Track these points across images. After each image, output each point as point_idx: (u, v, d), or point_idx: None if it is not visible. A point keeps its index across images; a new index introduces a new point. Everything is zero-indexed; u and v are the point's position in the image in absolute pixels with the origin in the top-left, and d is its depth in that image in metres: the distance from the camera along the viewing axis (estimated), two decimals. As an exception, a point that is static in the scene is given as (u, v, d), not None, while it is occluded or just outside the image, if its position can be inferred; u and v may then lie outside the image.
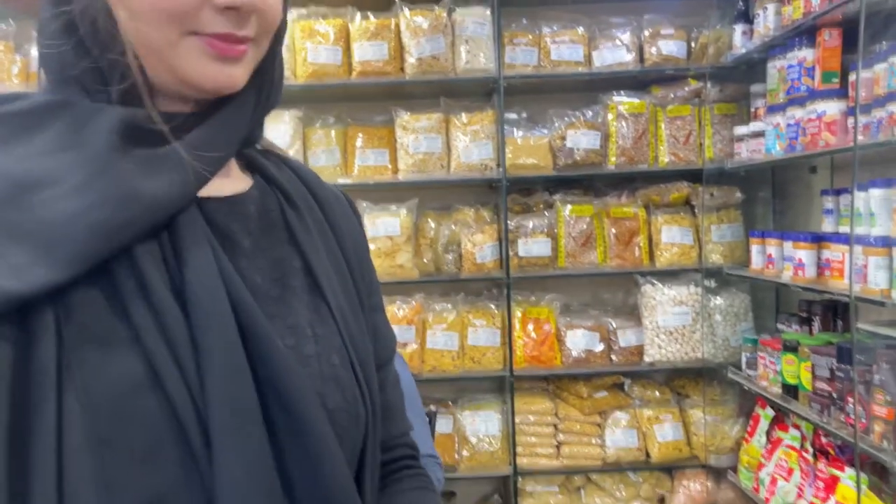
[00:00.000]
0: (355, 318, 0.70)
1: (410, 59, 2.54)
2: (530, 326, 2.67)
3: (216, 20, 0.59)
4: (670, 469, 2.69)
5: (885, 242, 1.70)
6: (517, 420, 2.63)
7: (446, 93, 2.68)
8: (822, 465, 2.07)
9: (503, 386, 2.71)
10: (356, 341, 0.69)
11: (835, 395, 1.90)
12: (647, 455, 2.65)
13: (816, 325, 2.26)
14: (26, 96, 0.61)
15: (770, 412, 2.42)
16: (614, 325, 2.70)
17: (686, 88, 2.66)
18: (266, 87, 0.68)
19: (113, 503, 0.52)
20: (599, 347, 2.67)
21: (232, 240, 0.64)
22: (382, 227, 2.57)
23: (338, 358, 0.66)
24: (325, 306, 0.68)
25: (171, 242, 0.59)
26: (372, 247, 2.59)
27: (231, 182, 0.68)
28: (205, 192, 0.63)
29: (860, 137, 1.74)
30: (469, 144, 2.61)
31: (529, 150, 2.63)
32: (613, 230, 2.69)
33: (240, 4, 0.59)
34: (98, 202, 0.55)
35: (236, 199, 0.67)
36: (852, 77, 1.86)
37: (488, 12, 2.58)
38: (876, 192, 1.78)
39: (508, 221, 2.64)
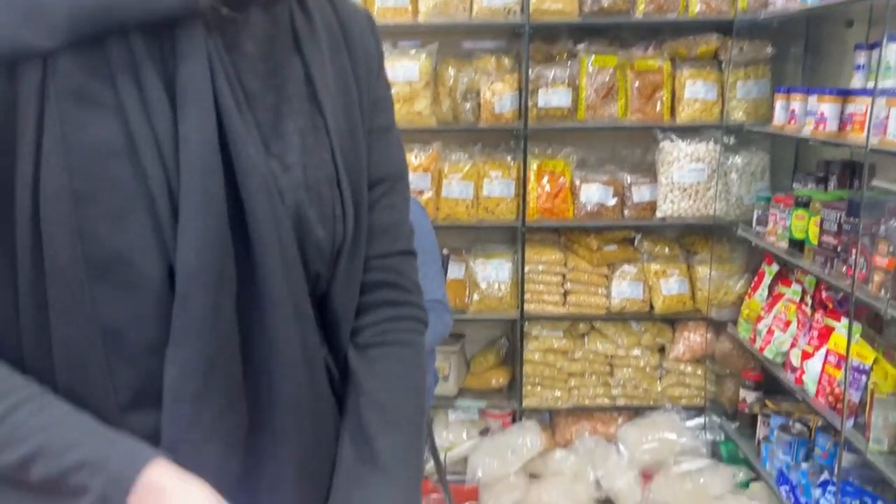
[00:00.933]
0: (352, 135, 0.71)
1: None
2: (545, 179, 2.68)
3: None
4: (672, 320, 2.79)
5: (911, 93, 1.67)
6: (527, 269, 2.71)
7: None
8: (818, 316, 2.14)
9: (515, 237, 2.78)
10: (348, 157, 0.70)
11: (839, 248, 1.94)
12: (651, 307, 2.74)
13: (832, 183, 2.26)
14: None
15: (774, 268, 2.48)
16: (629, 181, 2.71)
17: (724, -68, 2.51)
18: None
19: (84, 251, 0.57)
20: (612, 202, 2.70)
21: (236, 39, 0.64)
22: (401, 71, 2.54)
23: (323, 171, 0.68)
24: (321, 118, 0.69)
25: (171, 38, 0.59)
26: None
27: None
28: None
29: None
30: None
31: (555, -6, 2.53)
32: (636, 83, 2.64)
33: None
34: None
35: (243, 4, 0.65)
36: (902, -85, 1.74)
37: None
38: (908, 42, 1.72)
39: (529, 70, 2.59)
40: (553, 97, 2.61)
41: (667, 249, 2.80)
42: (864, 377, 1.83)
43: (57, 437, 0.56)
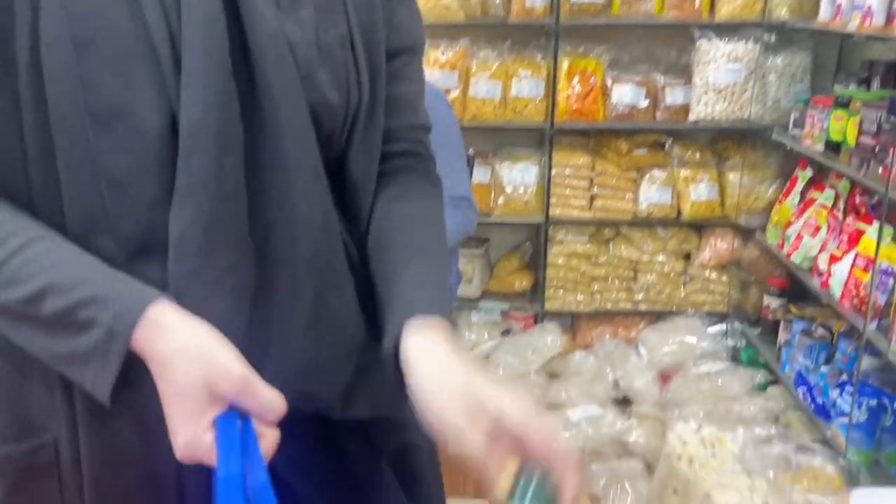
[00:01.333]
0: (369, 4, 0.69)
1: None
2: (576, 79, 2.61)
3: None
4: (700, 227, 2.77)
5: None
6: (553, 173, 2.68)
7: None
8: (849, 220, 2.10)
9: (543, 140, 2.73)
10: (363, 21, 0.68)
11: (877, 148, 1.87)
12: (679, 213, 2.71)
13: (876, 84, 2.17)
14: None
15: (809, 173, 2.42)
16: (662, 82, 2.63)
17: None
18: None
19: (86, 100, 0.57)
20: (644, 104, 2.63)
21: None
22: (429, -39, 2.45)
23: (336, 31, 0.67)
24: None
25: None
26: (417, -18, 2.49)
27: None
28: None
29: None
30: None
31: None
32: (674, -23, 2.52)
33: None
34: None
35: None
36: None
37: None
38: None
39: (563, -38, 2.48)
40: (586, -9, 2.51)
41: (698, 154, 2.74)
42: (891, 280, 1.81)
43: (66, 275, 0.57)
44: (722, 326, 2.78)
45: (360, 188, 0.72)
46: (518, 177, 2.72)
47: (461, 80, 2.61)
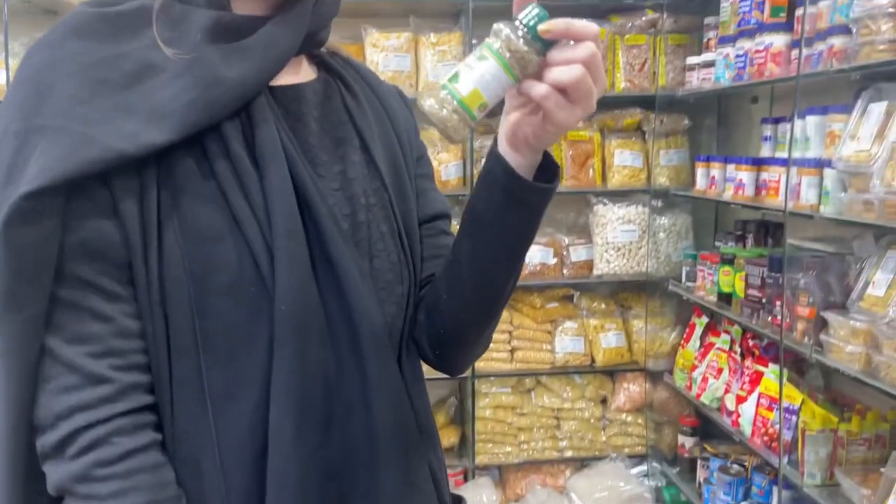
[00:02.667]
0: (401, 187, 0.82)
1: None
2: (489, 241, 2.83)
3: None
4: (612, 372, 2.96)
5: (818, 163, 1.91)
6: (475, 328, 2.82)
7: (415, 12, 2.74)
8: (748, 363, 2.34)
9: (463, 297, 2.89)
10: (403, 209, 0.82)
11: (764, 300, 2.15)
12: (592, 360, 2.90)
13: (750, 241, 2.50)
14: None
15: (705, 320, 2.69)
16: (567, 242, 2.89)
17: (643, 18, 2.79)
18: None
19: (202, 327, 0.66)
20: (553, 261, 2.87)
21: (302, 121, 0.77)
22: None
23: (386, 225, 0.79)
24: (379, 179, 0.80)
25: (248, 119, 0.71)
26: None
27: (298, 76, 0.79)
28: (276, 81, 0.75)
29: (802, 68, 1.93)
30: (437, 64, 2.69)
31: (494, 72, 2.73)
32: (570, 152, 2.85)
33: None
34: (190, 85, 0.67)
35: (301, 87, 0.79)
36: (799, 12, 2.03)
37: (459, -67, 2.63)
38: (812, 119, 1.98)
39: (473, 142, 2.77)
40: (495, 166, 2.78)
41: (604, 305, 2.98)
42: (794, 417, 2.02)
43: None
44: (643, 467, 2.92)
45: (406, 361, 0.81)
46: (442, 334, 2.84)
47: (384, 247, 2.76)
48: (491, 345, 2.88)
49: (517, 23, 0.62)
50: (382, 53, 2.66)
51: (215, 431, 0.67)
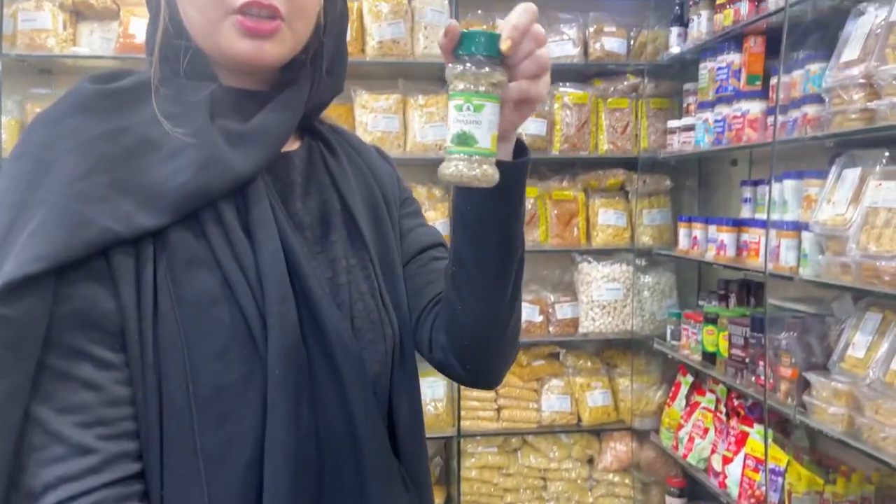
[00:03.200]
0: (384, 239, 0.85)
1: (371, 42, 2.66)
2: (476, 299, 2.85)
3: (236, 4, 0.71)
4: (599, 432, 2.94)
5: (796, 226, 1.96)
6: (461, 387, 2.81)
7: (404, 75, 2.81)
8: (733, 423, 2.34)
9: (449, 354, 2.88)
10: (385, 263, 0.84)
11: (747, 360, 2.17)
12: (579, 419, 2.89)
13: (732, 300, 2.54)
14: (131, 73, 0.75)
15: (690, 379, 2.70)
16: (552, 299, 2.91)
17: (625, 83, 2.88)
18: (317, 76, 0.81)
19: (195, 391, 0.67)
20: (539, 319, 2.88)
21: (290, 187, 0.80)
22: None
23: (366, 285, 0.82)
24: (360, 238, 0.83)
25: (243, 197, 0.74)
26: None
27: (287, 144, 0.82)
28: None
29: (778, 135, 1.99)
30: (425, 125, 2.75)
31: (481, 133, 2.79)
32: (555, 211, 2.90)
33: None
34: (186, 167, 0.70)
35: (290, 155, 0.83)
36: (773, 80, 2.11)
37: (446, 1, 2.72)
38: (789, 183, 2.03)
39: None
40: (481, 224, 2.81)
41: (590, 363, 2.98)
42: (780, 479, 2.02)
43: None
44: (630, 529, 2.87)
45: (405, 428, 0.82)
46: (428, 392, 2.82)
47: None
48: (477, 403, 2.84)
49: (479, 58, 0.64)
50: (372, 114, 2.72)
51: (207, 493, 0.67)
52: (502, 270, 0.75)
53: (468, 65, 0.64)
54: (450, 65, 0.65)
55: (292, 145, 0.84)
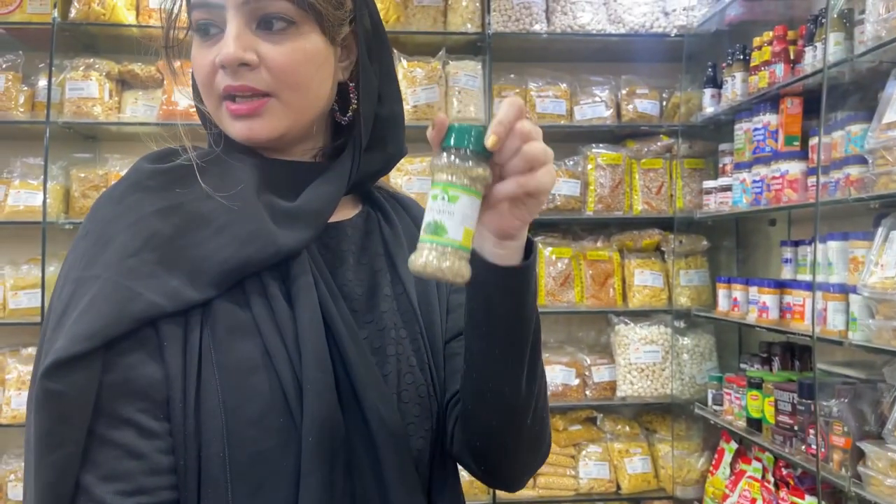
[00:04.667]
0: (431, 315, 0.83)
1: (406, 107, 2.71)
2: (510, 361, 2.80)
3: (222, 79, 0.75)
4: (639, 500, 2.83)
5: (842, 289, 1.91)
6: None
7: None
8: (783, 493, 2.24)
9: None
10: (433, 335, 0.82)
11: (796, 427, 2.09)
12: (618, 486, 2.79)
13: (776, 364, 2.46)
14: (183, 151, 0.78)
15: (734, 445, 2.60)
16: (588, 362, 2.86)
17: (658, 143, 2.89)
18: (357, 148, 0.81)
19: (231, 457, 0.67)
20: (575, 382, 2.82)
21: (341, 258, 0.81)
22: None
23: (416, 358, 0.80)
24: (412, 311, 0.82)
25: (287, 267, 0.74)
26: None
27: (341, 212, 0.83)
28: None
29: (819, 195, 1.96)
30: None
31: (514, 194, 2.80)
32: (590, 272, 2.87)
33: (220, 62, 0.73)
34: (227, 242, 0.71)
35: (342, 225, 0.83)
36: (812, 141, 2.09)
37: (480, 66, 2.77)
38: (833, 244, 1.99)
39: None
40: (516, 285, 2.80)
41: (628, 428, 2.90)
42: (835, 554, 1.91)
43: None
44: None
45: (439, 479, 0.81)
46: (461, 458, 2.76)
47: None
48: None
49: (463, 151, 0.63)
50: (406, 177, 2.74)
51: None
52: (511, 372, 0.72)
53: (451, 157, 0.63)
54: (434, 156, 0.65)
55: (348, 213, 0.84)
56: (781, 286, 2.26)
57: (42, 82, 2.66)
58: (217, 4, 0.73)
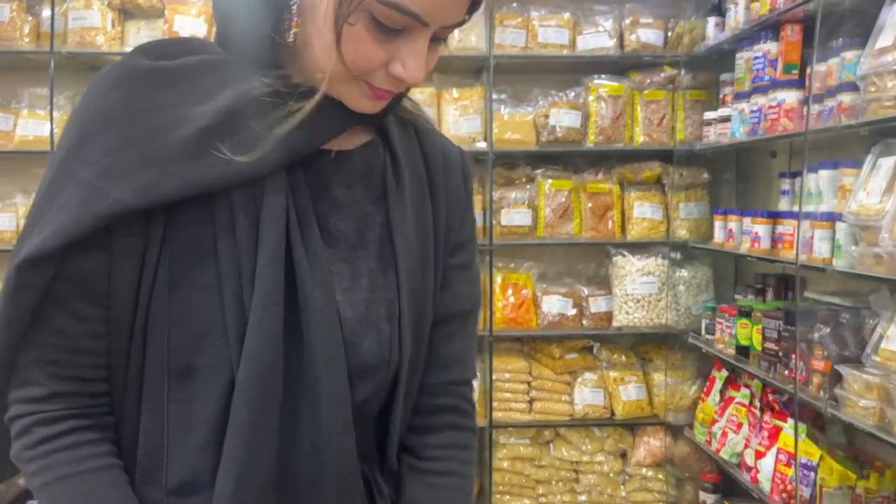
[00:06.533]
0: (423, 276, 0.80)
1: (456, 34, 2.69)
2: (509, 291, 2.86)
3: (385, 80, 0.72)
4: (632, 426, 2.93)
5: (830, 217, 1.92)
6: (494, 377, 2.83)
7: (439, 69, 2.84)
8: (767, 417, 2.31)
9: (483, 345, 2.91)
10: (417, 297, 0.79)
11: (781, 353, 2.13)
12: (612, 413, 2.87)
13: (770, 294, 2.49)
14: (191, 49, 0.75)
15: (724, 373, 2.66)
16: (586, 293, 2.91)
17: (661, 75, 2.86)
18: None
19: (170, 361, 0.71)
20: (572, 312, 2.88)
21: (329, 188, 0.77)
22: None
23: (385, 309, 0.77)
24: (393, 261, 0.79)
25: (262, 188, 0.72)
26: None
27: (345, 140, 0.78)
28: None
29: (813, 124, 1.96)
30: (459, 118, 2.78)
31: (515, 126, 2.81)
32: (589, 204, 2.89)
33: (408, 81, 0.72)
34: (200, 151, 0.69)
35: (342, 155, 0.78)
36: (810, 69, 2.07)
37: (481, -6, 2.74)
38: (824, 173, 2.00)
39: (493, 193, 2.83)
40: (515, 217, 2.84)
41: (624, 357, 2.97)
42: (812, 473, 1.98)
43: None
44: (664, 525, 2.85)
45: (394, 437, 0.82)
46: (460, 383, 2.85)
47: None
48: (509, 395, 2.87)
49: None
50: (406, 107, 2.75)
51: (166, 463, 0.72)
52: None
53: None
54: None
55: (353, 142, 0.80)
56: (775, 216, 2.27)
57: (46, 12, 2.68)
58: (422, 21, 0.68)
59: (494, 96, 2.81)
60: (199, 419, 0.71)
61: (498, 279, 2.86)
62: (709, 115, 2.67)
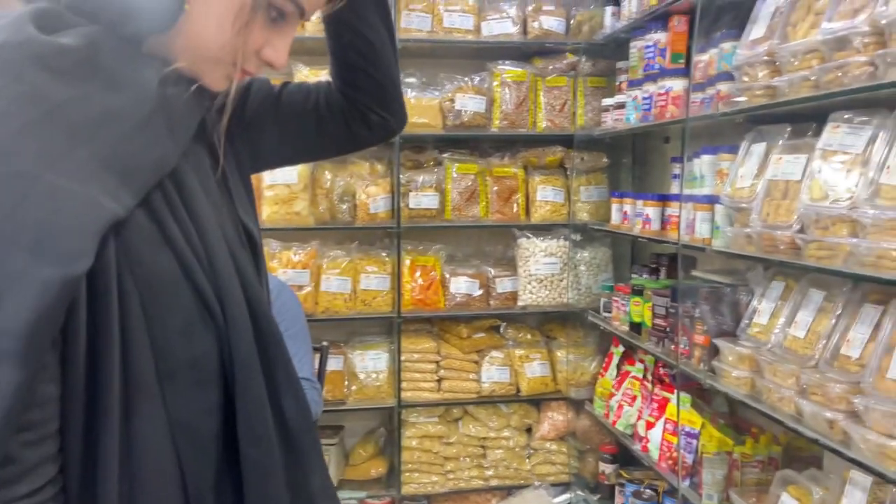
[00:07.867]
0: (252, 207, 0.89)
1: (312, 18, 2.67)
2: (418, 273, 2.91)
3: (255, 64, 0.77)
4: (537, 402, 3.03)
5: (710, 200, 2.04)
6: (403, 358, 2.88)
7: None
8: (657, 390, 2.44)
9: (392, 327, 2.95)
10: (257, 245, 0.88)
11: (668, 329, 2.26)
12: (518, 389, 2.97)
13: (663, 273, 2.62)
14: (67, 25, 0.68)
15: (621, 349, 2.79)
16: (493, 274, 2.98)
17: (563, 61, 2.94)
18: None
19: (163, 366, 0.70)
20: (479, 293, 2.95)
21: (202, 163, 0.80)
22: (280, 175, 2.72)
23: (251, 267, 0.83)
24: (236, 212, 0.84)
25: (180, 173, 0.74)
26: (270, 194, 2.73)
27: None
28: None
29: (695, 111, 2.07)
30: (365, 101, 2.77)
31: (422, 110, 2.84)
32: (495, 187, 2.96)
33: (276, 66, 0.77)
34: (153, 140, 0.69)
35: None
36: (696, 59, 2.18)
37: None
38: (706, 158, 2.11)
39: (401, 176, 2.85)
40: (423, 199, 2.87)
41: (529, 335, 3.06)
42: (694, 441, 2.12)
43: None
44: (567, 496, 2.97)
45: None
46: (370, 363, 2.88)
47: (313, 278, 2.81)
48: (418, 375, 2.90)
49: None
50: (312, 90, 2.73)
51: (179, 464, 0.72)
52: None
53: None
54: None
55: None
56: (664, 199, 2.39)
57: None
58: (302, 8, 0.76)
59: (402, 80, 2.81)
60: (209, 410, 0.75)
61: (407, 261, 2.89)
62: (606, 101, 2.77)
